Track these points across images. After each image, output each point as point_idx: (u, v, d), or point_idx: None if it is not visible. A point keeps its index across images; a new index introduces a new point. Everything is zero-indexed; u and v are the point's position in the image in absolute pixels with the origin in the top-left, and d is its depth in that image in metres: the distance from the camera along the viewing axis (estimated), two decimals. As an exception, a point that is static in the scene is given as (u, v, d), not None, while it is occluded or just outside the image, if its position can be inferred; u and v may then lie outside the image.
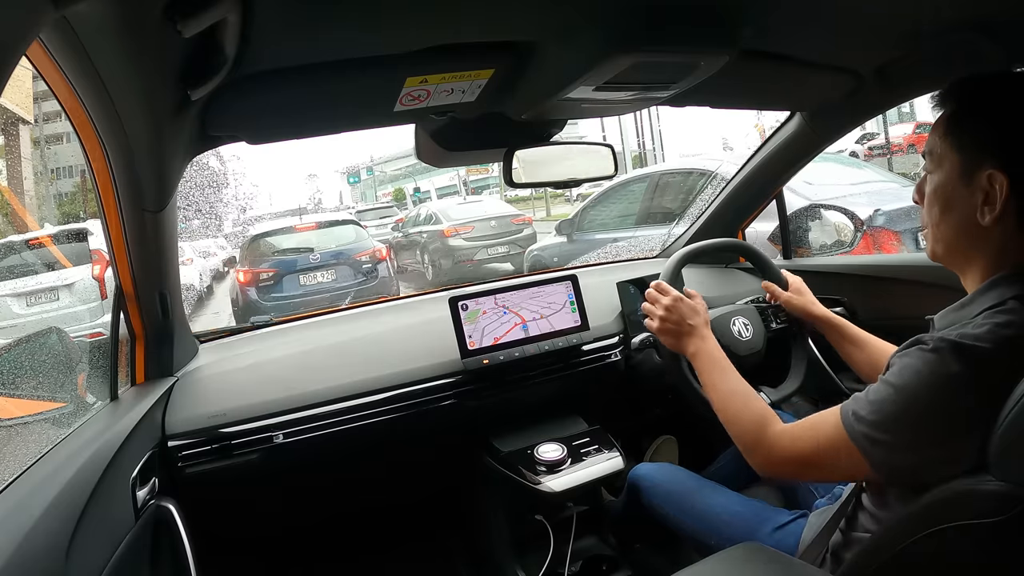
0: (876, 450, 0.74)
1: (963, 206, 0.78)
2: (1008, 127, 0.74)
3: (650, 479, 1.33)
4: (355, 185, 26.03)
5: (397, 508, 1.76)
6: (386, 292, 6.14)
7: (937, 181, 0.81)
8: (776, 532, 1.07)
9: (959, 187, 0.78)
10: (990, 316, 0.72)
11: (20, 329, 3.98)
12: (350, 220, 7.28)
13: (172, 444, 1.19)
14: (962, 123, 0.78)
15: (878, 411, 0.74)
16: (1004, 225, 0.75)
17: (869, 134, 12.14)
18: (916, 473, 0.75)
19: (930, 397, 0.71)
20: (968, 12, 0.95)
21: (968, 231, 0.78)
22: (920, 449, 0.73)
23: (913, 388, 0.72)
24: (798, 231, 1.90)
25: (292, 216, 8.72)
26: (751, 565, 0.82)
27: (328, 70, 0.92)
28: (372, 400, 1.33)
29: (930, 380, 0.71)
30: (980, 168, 0.75)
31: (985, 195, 0.75)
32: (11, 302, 4.31)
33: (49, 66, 0.68)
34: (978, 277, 0.79)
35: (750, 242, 1.58)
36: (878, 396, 0.75)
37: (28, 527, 0.71)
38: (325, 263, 6.24)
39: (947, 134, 0.79)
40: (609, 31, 0.88)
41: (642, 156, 17.83)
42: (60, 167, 10.72)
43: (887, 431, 0.73)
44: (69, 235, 5.11)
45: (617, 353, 1.56)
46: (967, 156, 0.77)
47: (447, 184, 29.75)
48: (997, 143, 0.74)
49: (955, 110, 0.79)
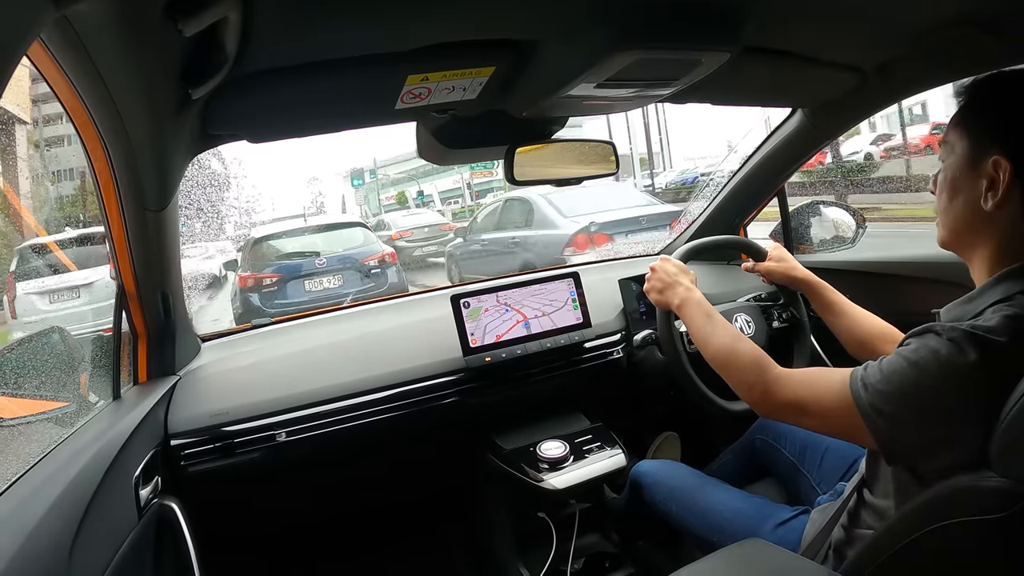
0: (881, 421, 0.74)
1: (968, 192, 0.79)
2: (1014, 115, 0.76)
3: (652, 476, 1.33)
4: (359, 188, 25.86)
5: (399, 506, 1.76)
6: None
7: (947, 168, 0.83)
8: (778, 528, 1.07)
9: (966, 173, 0.79)
10: (999, 310, 0.73)
11: (44, 323, 4.23)
12: (357, 223, 7.13)
13: (175, 443, 1.20)
14: (973, 113, 0.80)
15: (888, 381, 0.74)
16: (1008, 211, 0.76)
17: (885, 135, 12.01)
18: (913, 454, 0.75)
19: (944, 380, 0.71)
20: (969, 8, 0.95)
21: (973, 217, 0.80)
22: (923, 428, 0.73)
23: (931, 368, 0.71)
24: (799, 228, 1.89)
25: (293, 220, 8.99)
26: (753, 562, 0.83)
27: (329, 68, 0.92)
28: (374, 398, 1.34)
29: (947, 364, 0.71)
30: (986, 155, 0.76)
31: (990, 181, 0.76)
32: (36, 300, 4.73)
33: (50, 66, 0.68)
34: (985, 266, 0.80)
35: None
36: (891, 368, 0.75)
37: (32, 526, 0.71)
38: (332, 268, 6.01)
39: (959, 123, 0.81)
40: (610, 28, 0.88)
41: (650, 159, 17.86)
42: (61, 169, 10.75)
43: (894, 403, 0.74)
44: (88, 238, 5.53)
45: (619, 350, 1.56)
46: (975, 143, 0.78)
47: (451, 187, 29.43)
48: (1002, 130, 0.76)
49: (968, 101, 0.81)
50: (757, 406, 0.93)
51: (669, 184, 15.49)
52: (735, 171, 1.85)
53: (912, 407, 0.73)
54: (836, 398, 0.80)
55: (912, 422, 0.73)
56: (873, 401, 0.75)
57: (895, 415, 0.74)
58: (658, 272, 1.23)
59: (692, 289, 1.17)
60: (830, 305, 1.24)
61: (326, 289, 5.91)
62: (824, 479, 1.20)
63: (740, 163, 1.82)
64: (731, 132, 4.11)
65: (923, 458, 0.75)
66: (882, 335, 1.15)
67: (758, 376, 0.92)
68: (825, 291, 1.26)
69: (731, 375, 0.99)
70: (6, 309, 4.90)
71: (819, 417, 0.84)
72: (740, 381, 0.96)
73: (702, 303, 1.13)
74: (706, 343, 1.05)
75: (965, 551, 0.71)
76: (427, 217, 12.68)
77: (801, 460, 1.27)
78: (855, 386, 0.78)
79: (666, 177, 16.85)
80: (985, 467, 0.68)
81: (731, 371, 0.98)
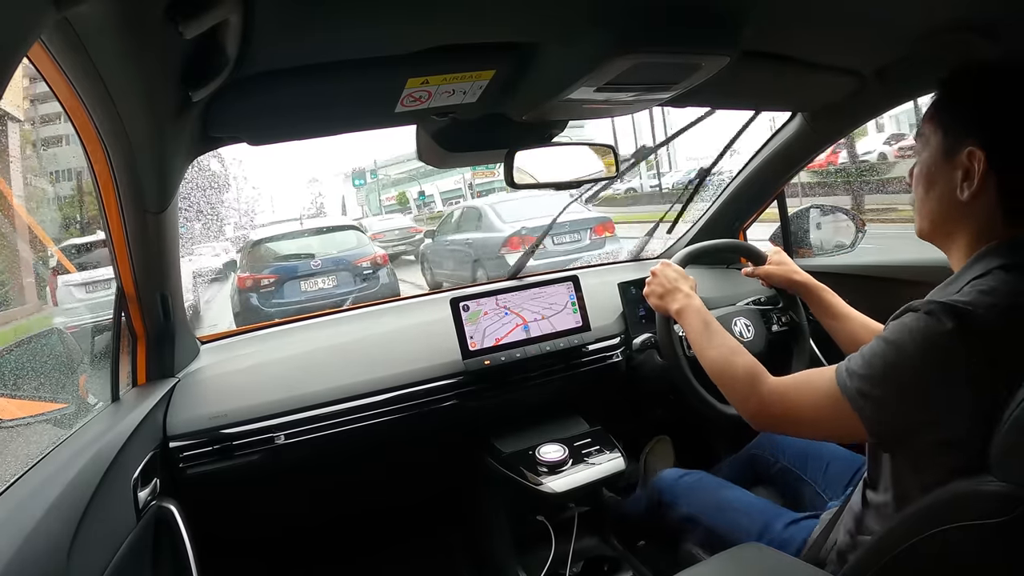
0: (867, 405, 0.75)
1: (944, 182, 0.81)
2: (986, 106, 0.77)
3: (674, 484, 1.32)
4: (360, 188, 25.76)
5: (398, 509, 1.76)
6: (388, 296, 6.04)
7: (923, 160, 0.84)
8: (789, 527, 1.07)
9: (941, 165, 0.81)
10: (975, 285, 0.74)
11: (83, 309, 5.27)
12: (351, 225, 7.43)
13: (173, 445, 1.20)
14: (947, 105, 0.82)
15: (868, 364, 0.76)
16: (983, 201, 0.77)
17: (898, 135, 12.01)
18: (900, 434, 0.76)
19: (922, 353, 0.72)
20: (965, 13, 0.95)
21: (949, 207, 0.81)
22: (906, 405, 0.74)
23: (905, 343, 0.73)
24: (799, 232, 1.89)
25: (289, 223, 9.69)
26: (752, 565, 0.83)
27: (329, 71, 0.92)
28: (373, 401, 1.33)
29: (924, 337, 0.72)
30: (961, 146, 0.78)
31: (965, 171, 0.78)
32: (75, 290, 5.56)
33: (50, 67, 0.68)
34: (963, 253, 0.81)
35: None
36: (870, 351, 0.77)
37: (30, 528, 0.71)
38: (326, 269, 6.25)
39: (933, 116, 0.83)
40: (610, 32, 0.88)
41: (655, 160, 18.02)
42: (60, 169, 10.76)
43: (876, 385, 0.74)
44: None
45: (619, 354, 1.56)
46: (949, 135, 0.80)
47: (452, 188, 29.37)
48: (976, 121, 0.77)
49: (941, 95, 0.83)
50: (752, 419, 0.93)
51: (676, 184, 15.63)
52: (735, 174, 1.86)
53: (893, 385, 0.74)
54: (826, 396, 0.80)
55: (895, 400, 0.74)
56: (859, 387, 0.76)
57: (880, 397, 0.74)
58: (659, 277, 1.24)
59: (691, 296, 1.17)
60: (829, 309, 1.24)
61: (321, 289, 6.12)
62: (830, 486, 1.20)
63: (741, 166, 1.83)
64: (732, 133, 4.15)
65: (912, 438, 0.75)
66: None
67: (752, 389, 0.92)
68: (824, 295, 1.26)
69: (726, 386, 0.99)
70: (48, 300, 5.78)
71: (812, 424, 0.85)
72: (735, 393, 0.96)
73: (701, 311, 1.13)
74: (702, 352, 1.06)
75: (966, 555, 0.71)
76: (399, 222, 15.25)
77: (803, 469, 1.27)
78: (841, 378, 0.79)
79: (672, 177, 17.27)
80: (985, 471, 0.68)
81: (726, 382, 0.99)
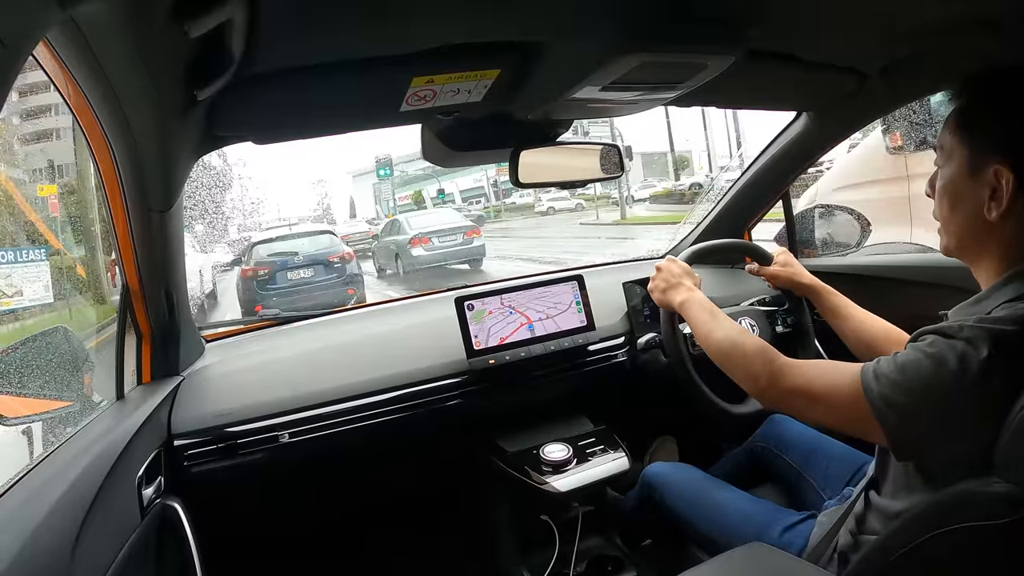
0: (891, 412, 0.73)
1: (971, 201, 0.78)
2: (1015, 123, 0.74)
3: (664, 477, 1.33)
4: (384, 179, 25.03)
5: (402, 508, 1.76)
6: (354, 286, 8.31)
7: (946, 176, 0.81)
8: (786, 533, 1.06)
9: (967, 181, 0.78)
10: (1006, 307, 0.72)
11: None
12: (327, 230, 9.81)
13: (178, 443, 1.20)
14: (971, 118, 0.78)
15: (903, 372, 0.73)
16: (1012, 220, 0.75)
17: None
18: (922, 447, 0.75)
19: (960, 375, 0.69)
20: (972, 11, 0.95)
21: (977, 226, 0.78)
22: (932, 421, 0.72)
23: (948, 362, 0.70)
24: (804, 232, 1.89)
25: (280, 228, 11.87)
26: (756, 565, 0.82)
27: (334, 70, 0.92)
28: (377, 400, 1.33)
29: (963, 360, 0.70)
30: (987, 163, 0.75)
31: (992, 190, 0.75)
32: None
33: (56, 66, 0.68)
34: (992, 271, 0.79)
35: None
36: (906, 359, 0.74)
37: (34, 525, 0.71)
38: (306, 263, 8.26)
39: (956, 128, 0.79)
40: (616, 31, 0.88)
41: (690, 160, 18.15)
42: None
43: (907, 394, 0.72)
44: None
45: (623, 353, 1.56)
46: (974, 151, 0.77)
47: (472, 186, 28.74)
48: (1003, 138, 0.74)
49: (965, 105, 0.79)
50: (763, 394, 0.91)
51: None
52: (740, 174, 1.85)
53: (924, 399, 0.72)
54: (846, 388, 0.79)
55: (923, 414, 0.72)
56: (885, 392, 0.74)
57: (907, 406, 0.73)
58: (663, 272, 1.24)
59: (694, 290, 1.17)
60: (835, 309, 1.24)
61: (302, 278, 8.15)
62: (830, 484, 1.19)
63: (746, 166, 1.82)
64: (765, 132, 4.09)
65: (931, 452, 0.74)
66: (887, 337, 1.14)
67: (764, 364, 0.90)
68: (830, 295, 1.26)
69: (735, 366, 0.97)
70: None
71: (827, 404, 0.82)
72: (745, 371, 0.94)
73: (704, 301, 1.13)
74: (708, 337, 1.04)
75: (970, 556, 0.70)
76: (360, 226, 19.67)
77: (805, 467, 1.27)
78: (866, 378, 0.77)
79: (726, 173, 17.62)
80: (991, 472, 0.67)
81: (735, 361, 0.97)
